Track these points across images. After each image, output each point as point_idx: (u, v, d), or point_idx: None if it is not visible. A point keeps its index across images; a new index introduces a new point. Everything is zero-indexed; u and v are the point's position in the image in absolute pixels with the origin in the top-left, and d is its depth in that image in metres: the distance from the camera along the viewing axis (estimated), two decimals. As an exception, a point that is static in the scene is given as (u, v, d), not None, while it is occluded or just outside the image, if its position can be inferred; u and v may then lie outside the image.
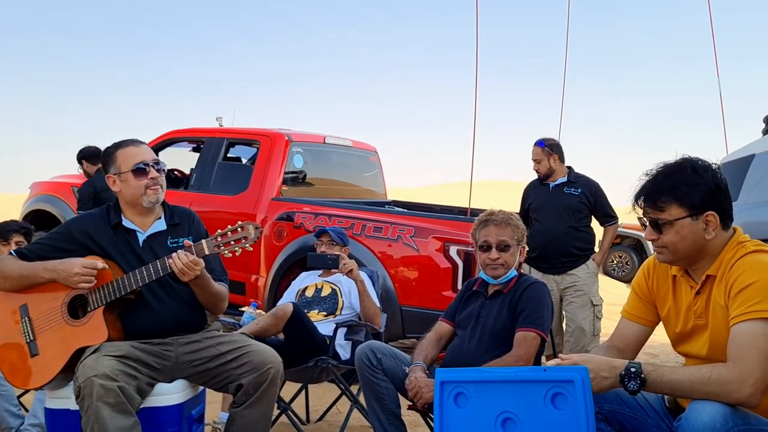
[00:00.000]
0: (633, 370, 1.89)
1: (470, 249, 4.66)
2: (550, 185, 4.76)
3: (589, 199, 4.63)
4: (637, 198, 2.05)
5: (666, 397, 2.12)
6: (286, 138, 5.91)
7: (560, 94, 5.95)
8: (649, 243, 2.10)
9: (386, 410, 2.87)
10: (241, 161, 6.56)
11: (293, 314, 3.42)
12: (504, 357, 2.76)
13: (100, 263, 2.51)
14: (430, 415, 2.83)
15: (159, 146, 6.58)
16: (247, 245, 2.49)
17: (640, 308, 2.23)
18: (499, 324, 2.86)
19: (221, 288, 2.72)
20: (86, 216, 2.76)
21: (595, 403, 1.94)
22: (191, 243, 2.51)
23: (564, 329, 4.81)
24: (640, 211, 2.06)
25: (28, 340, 2.56)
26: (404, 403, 2.92)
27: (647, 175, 2.05)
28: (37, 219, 7.05)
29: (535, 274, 4.69)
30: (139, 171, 2.62)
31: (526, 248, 3.03)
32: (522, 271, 3.17)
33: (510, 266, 2.92)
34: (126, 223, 2.67)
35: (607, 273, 13.52)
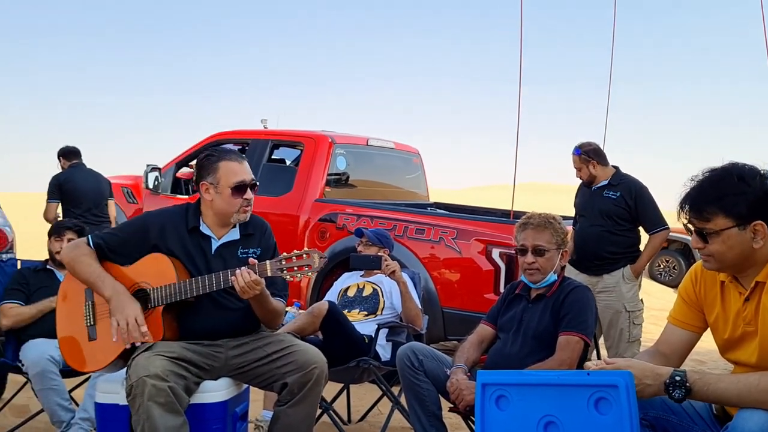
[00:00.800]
0: (678, 378, 1.85)
1: (512, 252, 4.63)
2: (593, 187, 4.65)
3: (629, 203, 4.45)
4: (681, 206, 2.00)
5: (713, 404, 2.08)
6: (330, 140, 5.96)
7: (605, 98, 5.85)
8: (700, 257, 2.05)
9: (427, 412, 2.88)
10: (285, 163, 6.63)
11: (329, 312, 3.45)
12: (546, 361, 2.74)
13: (147, 337, 2.49)
14: (472, 417, 2.82)
15: (205, 148, 6.70)
16: (310, 273, 2.51)
17: (687, 314, 2.19)
18: (542, 328, 2.84)
19: (279, 305, 2.71)
20: (164, 213, 2.76)
21: (640, 409, 1.91)
22: (256, 261, 2.52)
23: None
24: (685, 219, 2.01)
25: (89, 324, 2.63)
26: (445, 405, 2.92)
27: (692, 181, 1.99)
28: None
29: (570, 272, 4.52)
30: (239, 190, 2.64)
31: (568, 252, 3.00)
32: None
33: (547, 271, 2.89)
34: (203, 228, 2.69)
35: (653, 277, 13.25)
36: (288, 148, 6.48)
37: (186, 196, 6.66)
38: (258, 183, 2.74)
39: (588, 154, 4.57)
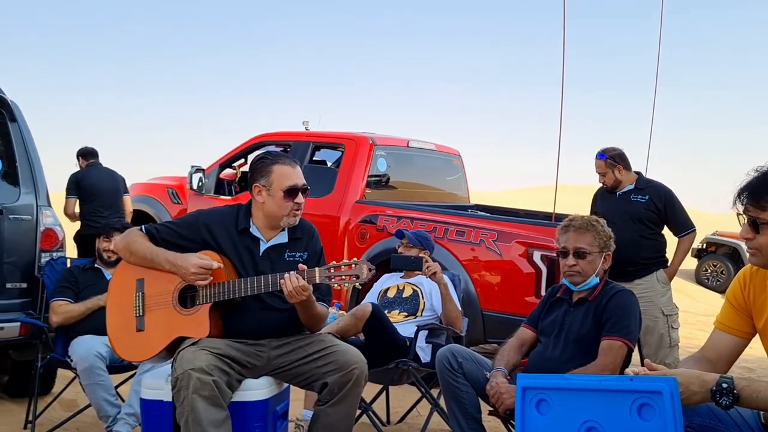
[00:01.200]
0: (725, 385, 1.80)
1: (554, 254, 4.58)
2: (617, 193, 4.59)
3: (658, 207, 4.41)
4: (740, 194, 1.94)
5: (762, 412, 2.02)
6: (370, 141, 5.98)
7: (650, 101, 5.73)
8: (746, 251, 1.99)
9: (467, 414, 2.86)
10: (326, 164, 6.68)
11: (372, 314, 3.46)
12: (588, 366, 2.70)
13: (215, 263, 2.59)
14: (512, 421, 2.80)
15: (248, 150, 6.80)
16: (357, 283, 2.54)
17: (735, 319, 2.14)
18: (584, 332, 2.80)
19: (322, 310, 2.75)
20: (216, 212, 2.82)
21: (685, 416, 1.86)
22: (305, 267, 2.55)
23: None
24: (741, 207, 1.95)
25: (138, 315, 2.69)
26: (485, 408, 2.90)
27: (757, 171, 1.94)
28: (135, 218, 7.40)
29: None
30: (290, 193, 2.68)
31: (611, 255, 2.95)
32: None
33: (588, 274, 2.85)
34: (253, 230, 2.73)
35: (700, 282, 12.95)
36: (329, 150, 6.52)
37: (229, 197, 6.76)
38: (309, 188, 2.77)
39: (614, 159, 4.53)
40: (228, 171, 7.15)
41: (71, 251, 4.93)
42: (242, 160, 7.03)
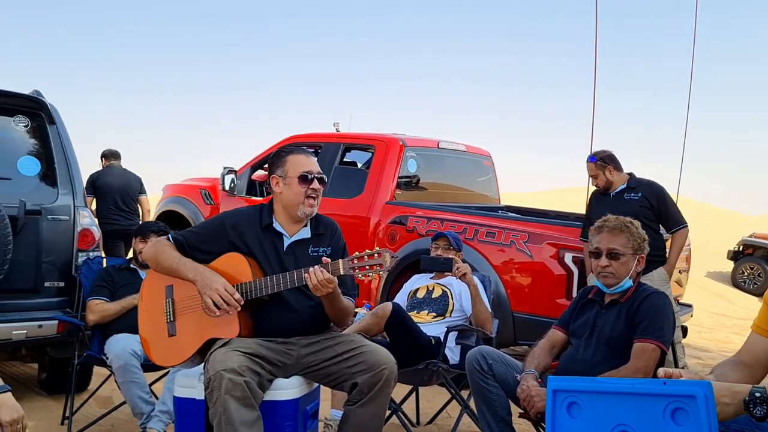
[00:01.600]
0: (758, 395, 1.75)
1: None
2: (611, 194, 4.65)
3: (651, 203, 4.44)
4: None
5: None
6: (401, 143, 5.99)
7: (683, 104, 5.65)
8: None
9: (497, 416, 2.85)
10: (356, 165, 6.71)
11: (393, 313, 3.46)
12: (620, 369, 2.67)
13: (237, 297, 2.57)
14: (542, 424, 2.78)
15: (279, 151, 6.85)
16: (381, 272, 2.55)
17: None
18: (616, 334, 2.77)
19: (348, 304, 2.77)
20: (240, 212, 2.88)
21: (721, 422, 1.83)
22: (329, 260, 2.58)
23: None
24: None
25: (169, 320, 2.74)
26: (515, 410, 2.89)
27: None
28: (169, 219, 7.52)
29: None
30: (304, 179, 2.73)
31: (645, 257, 2.91)
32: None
33: (621, 276, 2.82)
34: (276, 225, 2.78)
35: (736, 285, 12.71)
36: (359, 151, 6.55)
37: (260, 198, 6.82)
38: (325, 178, 2.83)
39: (603, 161, 4.59)
40: (259, 172, 7.22)
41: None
42: None
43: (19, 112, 4.14)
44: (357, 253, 2.57)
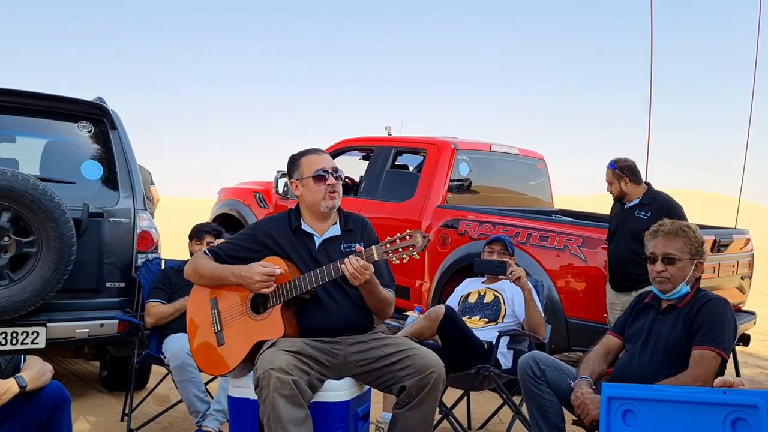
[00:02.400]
0: None
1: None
2: (626, 206, 4.63)
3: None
4: None
5: None
6: (452, 146, 5.97)
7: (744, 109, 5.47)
8: None
9: (549, 423, 2.81)
10: (408, 169, 6.72)
11: (445, 316, 3.44)
12: (678, 376, 2.59)
13: (278, 269, 2.69)
14: (597, 432, 2.73)
15: (332, 155, 6.89)
16: (414, 253, 2.57)
17: None
18: (673, 340, 2.69)
19: (388, 294, 2.81)
20: (270, 219, 2.99)
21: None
22: (362, 248, 2.63)
23: None
24: None
25: (217, 331, 2.80)
26: (569, 417, 2.84)
27: None
28: (224, 222, 7.67)
29: (610, 291, 4.59)
30: (319, 177, 2.80)
31: (704, 262, 2.82)
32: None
33: (677, 281, 2.74)
34: (305, 227, 2.85)
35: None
36: (411, 155, 6.56)
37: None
38: (342, 172, 2.88)
39: (622, 170, 4.58)
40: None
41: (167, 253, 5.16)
42: None
43: (83, 118, 4.30)
44: (389, 237, 2.61)
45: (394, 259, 2.60)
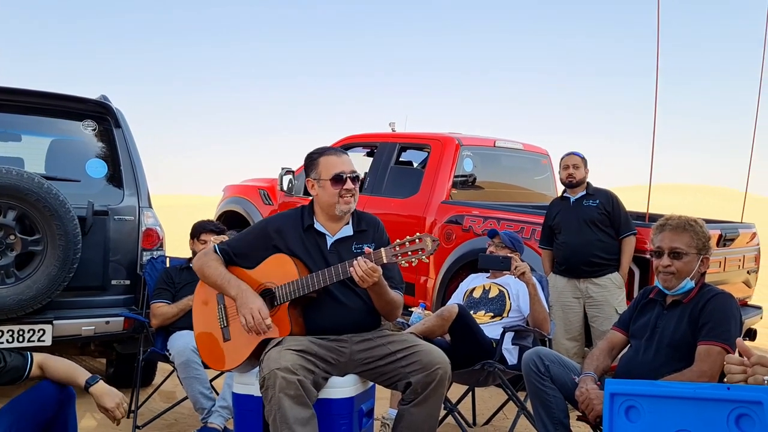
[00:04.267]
0: None
1: (647, 255, 4.42)
2: (571, 199, 4.74)
3: (607, 210, 4.60)
4: None
5: None
6: (456, 142, 5.96)
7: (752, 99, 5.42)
8: None
9: (554, 419, 2.81)
10: (412, 165, 6.71)
11: (459, 315, 3.44)
12: (684, 372, 2.58)
13: (272, 329, 2.65)
14: (601, 428, 2.72)
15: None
16: (424, 257, 2.55)
17: None
18: (678, 336, 2.68)
19: (396, 296, 2.79)
20: (282, 216, 2.94)
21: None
22: (371, 250, 2.61)
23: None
24: None
25: (223, 326, 2.81)
26: (574, 412, 2.84)
27: None
28: (229, 219, 7.69)
29: (560, 280, 4.64)
30: (337, 180, 2.75)
31: (709, 258, 2.81)
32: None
33: (683, 276, 2.73)
34: (317, 226, 2.82)
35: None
36: (415, 151, 6.55)
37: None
38: (359, 176, 2.83)
39: (584, 159, 4.78)
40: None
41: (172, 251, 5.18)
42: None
43: (88, 117, 4.31)
44: (398, 240, 2.59)
45: (403, 262, 2.59)
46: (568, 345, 4.58)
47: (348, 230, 2.84)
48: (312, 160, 2.84)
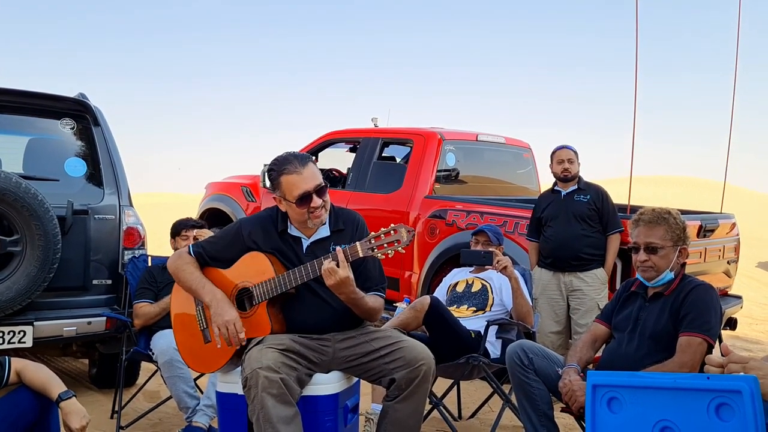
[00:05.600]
0: None
1: (627, 247, 4.46)
2: (562, 193, 4.75)
3: (597, 206, 4.62)
4: None
5: None
6: (439, 137, 5.96)
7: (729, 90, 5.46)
8: None
9: (538, 411, 2.83)
10: (395, 160, 6.71)
11: (431, 307, 3.44)
12: (666, 363, 2.60)
13: (243, 336, 2.61)
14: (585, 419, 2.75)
15: (319, 147, 6.90)
16: (400, 248, 2.53)
17: None
18: (660, 327, 2.71)
19: (376, 302, 2.73)
20: (257, 218, 2.87)
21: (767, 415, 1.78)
22: (341, 249, 2.56)
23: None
24: None
25: (202, 328, 2.78)
26: (558, 404, 2.86)
27: None
28: (212, 217, 7.63)
29: (545, 274, 4.67)
30: (304, 200, 2.65)
31: (688, 248, 2.83)
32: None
33: (661, 269, 2.75)
34: (291, 230, 2.76)
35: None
36: (398, 146, 6.54)
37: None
38: (326, 184, 2.71)
39: (576, 153, 4.77)
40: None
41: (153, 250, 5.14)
42: (313, 158, 7.13)
43: (66, 115, 4.26)
44: (373, 233, 2.56)
45: (379, 254, 2.55)
46: (554, 337, 4.61)
47: (324, 231, 2.76)
48: (272, 178, 2.71)
